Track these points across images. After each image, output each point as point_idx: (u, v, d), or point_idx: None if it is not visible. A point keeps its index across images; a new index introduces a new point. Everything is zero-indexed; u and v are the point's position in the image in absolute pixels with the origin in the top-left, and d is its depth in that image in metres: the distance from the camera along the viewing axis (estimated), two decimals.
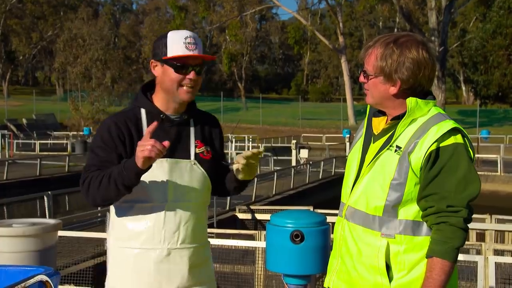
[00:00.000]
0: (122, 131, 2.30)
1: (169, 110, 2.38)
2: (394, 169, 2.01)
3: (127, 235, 2.34)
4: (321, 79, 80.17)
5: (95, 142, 2.34)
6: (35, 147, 28.30)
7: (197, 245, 2.39)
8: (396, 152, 2.02)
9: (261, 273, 6.00)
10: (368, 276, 2.05)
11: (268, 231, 2.50)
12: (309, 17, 65.63)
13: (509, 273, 5.28)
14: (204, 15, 57.63)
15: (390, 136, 2.08)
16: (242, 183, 2.45)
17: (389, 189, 2.01)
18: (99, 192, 2.22)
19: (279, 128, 43.19)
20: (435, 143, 1.97)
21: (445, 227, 1.96)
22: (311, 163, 18.72)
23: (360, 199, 2.09)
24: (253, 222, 10.35)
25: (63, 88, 63.69)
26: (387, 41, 2.05)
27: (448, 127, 1.99)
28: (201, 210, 2.42)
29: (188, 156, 2.38)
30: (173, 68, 2.29)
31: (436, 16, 42.10)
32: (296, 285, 2.51)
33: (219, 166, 2.48)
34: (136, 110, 2.38)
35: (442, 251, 1.95)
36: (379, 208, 2.03)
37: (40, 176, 18.59)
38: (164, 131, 2.34)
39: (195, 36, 2.32)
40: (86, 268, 6.29)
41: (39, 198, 10.33)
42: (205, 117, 2.52)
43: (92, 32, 50.53)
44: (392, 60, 2.01)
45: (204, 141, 2.45)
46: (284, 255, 2.44)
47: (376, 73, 2.05)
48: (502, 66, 45.24)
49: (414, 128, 2.02)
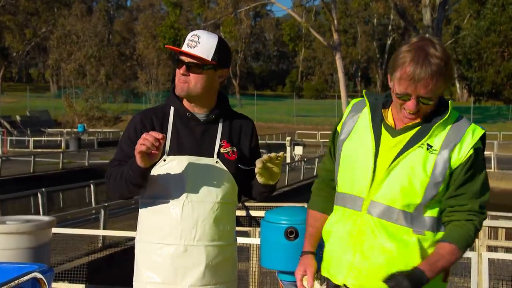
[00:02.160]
0: (146, 126, 2.37)
1: (196, 109, 2.42)
2: (431, 168, 2.02)
3: (149, 230, 2.39)
4: (315, 76, 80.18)
5: (122, 137, 2.44)
6: (29, 144, 28.23)
7: (216, 244, 2.39)
8: (428, 150, 2.03)
9: (255, 269, 6.00)
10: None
11: (263, 228, 2.50)
12: (303, 14, 65.57)
13: (502, 269, 5.31)
14: (199, 11, 57.62)
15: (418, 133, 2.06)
16: (266, 187, 2.43)
17: (426, 188, 2.02)
18: (115, 188, 2.34)
19: (273, 125, 43.21)
20: (472, 146, 2.04)
21: (471, 225, 2.05)
22: (306, 160, 18.75)
23: (391, 195, 2.04)
24: (248, 219, 10.33)
25: (57, 85, 63.45)
26: (434, 62, 1.97)
27: (481, 132, 2.07)
28: (223, 209, 2.41)
29: (211, 155, 2.40)
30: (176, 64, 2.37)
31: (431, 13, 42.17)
32: (290, 281, 2.51)
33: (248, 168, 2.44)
34: (166, 108, 2.44)
35: (462, 244, 2.03)
36: (413, 205, 2.03)
37: (34, 173, 18.54)
38: (189, 129, 2.39)
39: (208, 35, 2.35)
40: (80, 265, 6.28)
41: (33, 195, 10.31)
42: (238, 118, 2.52)
43: (86, 29, 50.39)
44: (444, 82, 2.01)
45: (231, 141, 2.45)
46: (278, 251, 2.44)
47: (435, 98, 2.03)
48: (496, 63, 45.40)
49: (447, 129, 2.06)
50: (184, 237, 2.34)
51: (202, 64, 2.34)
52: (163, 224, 2.36)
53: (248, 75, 79.96)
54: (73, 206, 12.63)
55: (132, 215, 9.64)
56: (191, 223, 2.34)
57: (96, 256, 7.21)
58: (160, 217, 2.36)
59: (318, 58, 79.27)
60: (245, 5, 53.29)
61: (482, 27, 45.13)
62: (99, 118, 46.55)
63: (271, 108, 54.54)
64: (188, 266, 2.34)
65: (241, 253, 6.56)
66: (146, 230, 2.41)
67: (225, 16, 52.87)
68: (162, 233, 2.36)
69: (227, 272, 2.46)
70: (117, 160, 2.39)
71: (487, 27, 44.84)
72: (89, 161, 21.25)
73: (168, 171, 2.32)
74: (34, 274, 2.11)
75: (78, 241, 7.55)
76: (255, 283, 5.99)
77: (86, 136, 33.45)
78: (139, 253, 2.44)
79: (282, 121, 46.33)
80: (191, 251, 2.34)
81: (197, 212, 2.34)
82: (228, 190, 2.42)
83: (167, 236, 2.35)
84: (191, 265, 2.34)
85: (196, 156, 2.36)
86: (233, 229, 2.52)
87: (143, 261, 2.41)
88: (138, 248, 2.45)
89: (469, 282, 4.46)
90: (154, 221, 2.38)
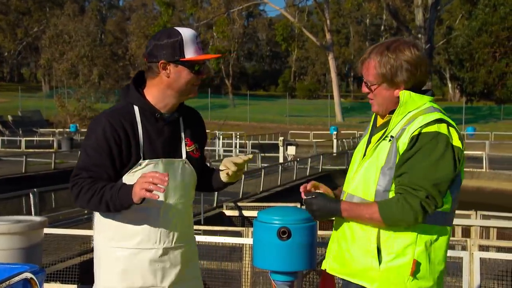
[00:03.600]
0: (118, 133, 2.26)
1: (164, 109, 2.36)
2: (386, 156, 2.11)
3: (120, 235, 2.33)
4: (308, 76, 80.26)
5: (88, 141, 2.29)
6: (20, 144, 28.05)
7: (188, 242, 2.44)
8: (390, 141, 2.12)
9: (248, 269, 6.00)
10: (360, 258, 2.15)
11: (255, 228, 2.50)
12: (296, 14, 65.63)
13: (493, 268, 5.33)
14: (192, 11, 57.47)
15: (386, 128, 2.19)
16: (226, 184, 2.51)
17: (380, 174, 2.11)
18: (88, 205, 2.25)
19: (266, 125, 43.19)
20: (418, 129, 2.06)
21: (400, 198, 2.04)
22: (298, 160, 18.75)
23: (357, 186, 2.19)
24: (241, 219, 10.33)
25: (49, 85, 63.18)
26: (380, 50, 2.17)
27: (434, 117, 2.08)
28: (189, 207, 2.46)
29: (180, 155, 2.39)
30: (189, 69, 2.30)
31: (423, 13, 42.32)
32: (283, 281, 2.51)
33: (203, 161, 2.53)
34: (129, 107, 2.33)
35: (385, 210, 2.04)
36: (372, 193, 2.13)
37: (26, 173, 18.43)
38: (158, 130, 2.34)
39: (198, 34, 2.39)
40: (72, 266, 6.25)
41: (25, 195, 10.25)
42: (191, 113, 2.52)
43: (78, 29, 50.15)
44: (390, 66, 2.13)
45: (193, 139, 2.46)
46: (271, 251, 2.44)
47: (379, 81, 2.17)
48: (487, 64, 45.64)
49: (405, 119, 2.13)
50: (163, 241, 2.33)
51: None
52: (138, 229, 2.31)
53: (241, 75, 79.89)
54: (65, 206, 12.55)
55: None
56: (169, 226, 2.34)
57: (88, 257, 7.17)
58: (135, 223, 2.31)
59: (311, 58, 79.34)
60: (238, 5, 53.29)
61: (474, 28, 45.35)
62: (91, 118, 46.18)
63: (264, 108, 54.53)
64: (167, 267, 2.36)
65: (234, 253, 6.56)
66: (116, 236, 2.33)
67: (217, 16, 52.79)
68: (136, 239, 2.31)
69: (195, 267, 2.52)
70: (85, 169, 2.26)
71: (479, 27, 45.07)
72: None
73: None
74: (26, 275, 2.09)
75: (70, 242, 7.51)
76: (247, 283, 5.99)
77: (78, 136, 33.28)
78: (108, 259, 2.35)
79: (275, 121, 46.32)
80: (169, 253, 2.35)
81: (173, 215, 2.36)
82: (193, 189, 2.47)
83: (143, 241, 2.31)
84: (169, 266, 2.36)
85: (169, 158, 2.34)
86: (193, 225, 2.57)
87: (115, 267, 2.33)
88: (107, 253, 2.35)
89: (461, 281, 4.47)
90: (127, 227, 2.32)
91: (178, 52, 2.27)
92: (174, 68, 2.30)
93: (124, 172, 2.29)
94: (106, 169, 2.25)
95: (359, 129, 39.74)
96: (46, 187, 11.61)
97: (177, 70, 2.30)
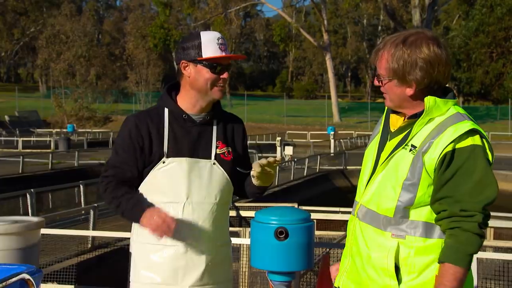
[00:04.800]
0: (141, 133, 2.38)
1: (194, 110, 2.43)
2: (408, 169, 1.93)
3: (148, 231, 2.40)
4: (305, 76, 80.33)
5: (118, 140, 2.45)
6: (17, 145, 28.01)
7: (215, 244, 2.45)
8: (411, 151, 1.94)
9: (245, 269, 6.01)
10: (377, 278, 1.99)
11: (253, 228, 2.50)
12: (293, 14, 65.71)
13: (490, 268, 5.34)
14: (189, 12, 57.46)
15: (406, 134, 2.00)
16: (260, 188, 2.49)
17: (401, 190, 1.94)
18: (110, 206, 2.45)
19: (264, 125, 43.22)
20: (451, 144, 1.88)
21: (459, 232, 1.87)
22: (296, 160, 18.76)
23: (372, 199, 2.03)
24: (238, 219, 10.33)
25: (46, 85, 63.07)
26: (396, 41, 1.97)
27: (465, 128, 1.90)
28: (221, 209, 2.46)
29: (208, 156, 2.43)
30: (208, 68, 2.35)
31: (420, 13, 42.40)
32: (281, 281, 2.51)
33: (241, 168, 2.52)
34: (160, 109, 2.45)
35: (455, 257, 1.87)
36: (391, 209, 1.97)
37: (23, 173, 18.40)
38: (186, 130, 2.41)
39: (223, 37, 2.43)
40: (69, 266, 6.24)
41: (22, 195, 10.24)
42: (229, 118, 2.56)
43: (76, 29, 50.17)
44: (403, 62, 1.94)
45: (226, 142, 2.49)
46: (268, 252, 2.43)
47: (390, 76, 1.98)
48: (484, 64, 45.73)
49: (430, 127, 1.94)
50: (185, 239, 2.37)
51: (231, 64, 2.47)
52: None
53: (238, 76, 79.95)
54: (62, 206, 12.55)
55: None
56: (191, 224, 2.38)
57: (86, 257, 7.18)
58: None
59: (308, 58, 79.42)
60: (235, 5, 53.31)
61: (470, 28, 45.42)
62: (88, 118, 46.31)
63: (262, 109, 54.55)
64: (188, 266, 2.38)
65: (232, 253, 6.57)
66: (144, 231, 2.40)
67: (215, 16, 52.81)
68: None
69: (224, 271, 2.52)
70: (112, 166, 2.41)
71: (476, 27, 45.15)
72: (78, 161, 21.12)
73: (167, 173, 2.36)
74: (23, 276, 2.09)
75: (67, 242, 7.51)
76: (245, 283, 5.99)
77: (75, 137, 33.24)
78: (137, 254, 2.45)
79: (272, 121, 46.35)
80: (191, 252, 2.39)
81: (197, 214, 2.38)
82: (225, 191, 2.47)
83: (167, 237, 2.36)
84: (191, 265, 2.39)
85: (194, 158, 2.40)
86: (228, 229, 2.58)
87: (142, 262, 2.42)
88: (136, 248, 2.47)
89: None
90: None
91: (196, 52, 2.36)
92: (194, 68, 2.37)
93: (149, 169, 2.38)
94: (130, 167, 2.39)
95: (357, 129, 39.77)
96: (43, 187, 11.60)
97: (197, 70, 2.37)
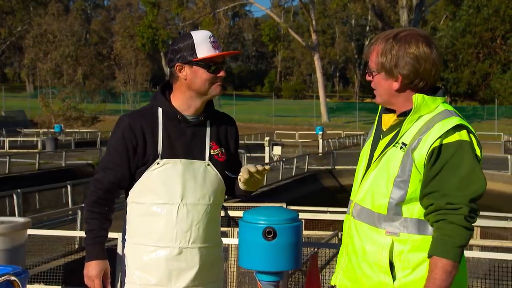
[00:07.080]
0: (135, 134, 2.36)
1: (188, 111, 2.42)
2: (398, 166, 1.97)
3: (140, 232, 2.40)
4: (294, 76, 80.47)
5: (111, 140, 2.44)
6: (4, 145, 27.80)
7: (209, 245, 2.45)
8: (401, 148, 1.98)
9: (234, 269, 6.00)
10: (372, 274, 2.02)
11: (241, 228, 2.49)
12: (282, 14, 65.78)
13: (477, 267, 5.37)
14: (177, 11, 57.38)
15: (396, 132, 2.04)
16: (247, 192, 2.51)
17: (392, 187, 1.98)
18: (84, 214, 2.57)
19: (252, 125, 43.22)
20: (438, 140, 1.92)
21: (444, 224, 1.90)
22: (284, 160, 18.79)
23: (365, 197, 2.06)
24: (226, 219, 10.33)
25: (33, 85, 62.64)
26: (387, 37, 2.04)
27: (453, 124, 1.93)
28: (214, 210, 2.47)
29: (202, 157, 2.42)
30: (205, 68, 2.35)
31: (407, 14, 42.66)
32: (269, 281, 2.50)
33: (230, 169, 2.52)
34: (154, 109, 2.43)
35: (442, 250, 1.89)
36: (384, 206, 2.00)
37: (10, 173, 18.28)
38: (180, 131, 2.40)
39: (214, 35, 2.42)
40: (56, 267, 6.21)
41: (8, 196, 10.17)
42: (221, 118, 2.56)
43: (63, 28, 49.86)
44: (391, 55, 2.00)
45: (219, 142, 2.49)
46: (256, 251, 2.43)
47: (378, 69, 2.04)
48: (471, 64, 46.08)
49: (419, 124, 1.98)
50: (179, 240, 2.36)
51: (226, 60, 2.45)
52: (156, 226, 2.37)
53: (226, 75, 79.85)
54: (49, 207, 12.47)
55: None
56: (186, 226, 2.37)
57: (73, 258, 7.14)
58: (153, 219, 2.37)
59: (296, 58, 79.55)
60: (224, 5, 53.28)
61: (457, 28, 45.75)
62: (76, 118, 46.07)
63: (250, 108, 54.56)
64: (182, 268, 2.38)
65: None
66: (137, 232, 2.41)
67: (203, 16, 52.78)
68: (155, 236, 2.37)
69: (217, 272, 2.52)
70: (104, 167, 2.41)
71: (463, 28, 45.49)
72: (66, 161, 21.01)
73: (162, 174, 2.35)
74: (8, 277, 2.07)
75: (54, 243, 7.47)
76: (233, 283, 5.99)
77: (63, 137, 33.05)
78: (129, 255, 2.44)
79: (260, 121, 46.37)
80: (185, 253, 2.38)
81: (191, 215, 2.38)
82: (218, 192, 2.48)
83: (161, 239, 2.36)
84: (185, 267, 2.38)
85: (188, 159, 2.39)
86: (220, 230, 2.58)
87: (135, 263, 2.41)
88: (129, 250, 2.45)
89: None
90: (147, 224, 2.39)
91: (190, 53, 2.34)
92: (190, 69, 2.36)
93: (143, 170, 2.37)
94: (122, 168, 2.37)
95: (345, 129, 39.91)
96: (30, 187, 11.53)
97: (192, 71, 2.36)
